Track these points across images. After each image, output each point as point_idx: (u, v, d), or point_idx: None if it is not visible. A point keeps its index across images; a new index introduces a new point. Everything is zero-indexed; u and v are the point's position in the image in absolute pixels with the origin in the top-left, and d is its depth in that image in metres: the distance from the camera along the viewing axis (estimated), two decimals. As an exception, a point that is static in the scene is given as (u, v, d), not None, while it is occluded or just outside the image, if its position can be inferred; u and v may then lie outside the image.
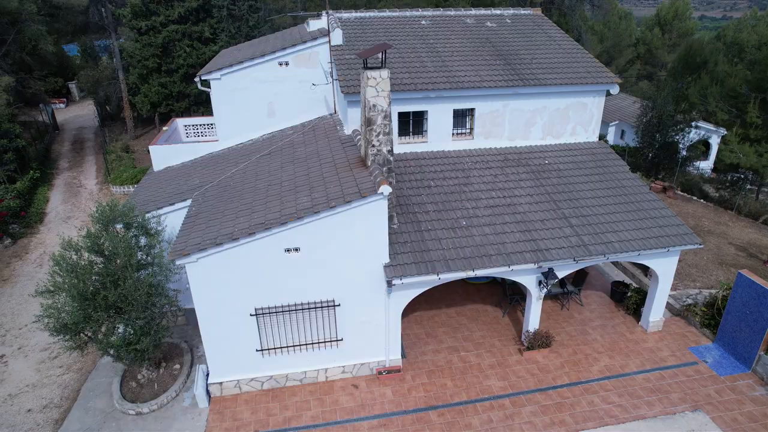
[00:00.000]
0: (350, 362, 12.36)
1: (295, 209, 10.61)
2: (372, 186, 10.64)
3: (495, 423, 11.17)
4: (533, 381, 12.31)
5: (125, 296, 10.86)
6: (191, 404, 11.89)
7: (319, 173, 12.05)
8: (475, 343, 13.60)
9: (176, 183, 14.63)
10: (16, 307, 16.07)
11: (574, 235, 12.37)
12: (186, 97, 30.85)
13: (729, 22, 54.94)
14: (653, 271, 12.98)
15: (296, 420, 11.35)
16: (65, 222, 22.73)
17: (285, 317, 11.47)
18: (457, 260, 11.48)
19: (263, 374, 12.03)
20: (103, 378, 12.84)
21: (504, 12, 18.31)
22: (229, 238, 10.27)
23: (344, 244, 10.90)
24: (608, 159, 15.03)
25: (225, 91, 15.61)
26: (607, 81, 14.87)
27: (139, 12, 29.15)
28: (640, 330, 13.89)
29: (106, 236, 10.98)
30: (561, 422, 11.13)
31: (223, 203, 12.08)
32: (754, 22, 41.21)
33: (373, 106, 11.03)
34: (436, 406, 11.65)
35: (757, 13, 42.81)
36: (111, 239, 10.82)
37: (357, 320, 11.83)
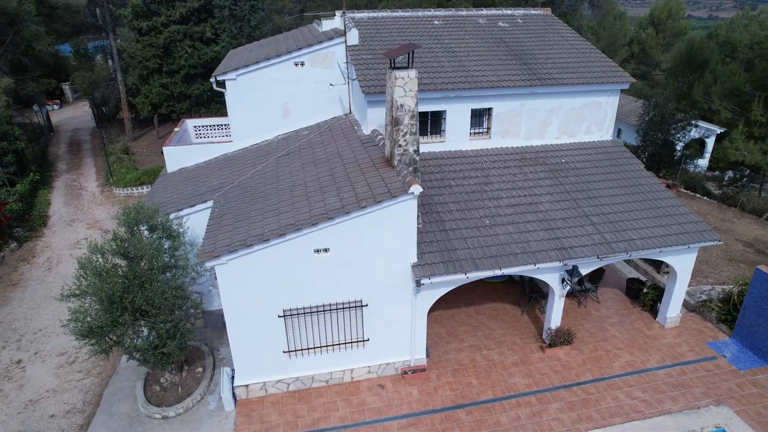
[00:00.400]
0: (376, 362, 12.37)
1: (325, 210, 10.60)
2: (401, 186, 10.66)
3: (523, 420, 11.25)
4: (557, 378, 12.42)
5: (151, 299, 10.78)
6: (217, 407, 11.82)
7: (343, 173, 12.05)
8: (497, 341, 13.68)
9: (194, 184, 14.54)
10: (28, 312, 15.86)
11: (596, 233, 12.49)
12: (187, 98, 30.62)
13: (722, 21, 55.79)
14: (671, 268, 13.15)
15: (325, 421, 11.34)
16: (69, 225, 22.48)
17: (312, 318, 11.46)
18: (484, 259, 11.54)
19: (289, 376, 12.00)
20: (125, 382, 12.73)
21: (515, 12, 18.42)
22: (259, 240, 10.24)
23: (373, 244, 10.91)
24: (623, 157, 15.19)
25: (240, 91, 15.53)
26: (622, 80, 15.03)
27: (140, 12, 28.88)
28: (658, 326, 14.05)
29: (132, 239, 10.87)
30: (588, 418, 11.24)
31: (247, 204, 12.03)
32: (746, 21, 41.82)
33: (401, 106, 11.05)
34: (464, 405, 11.71)
35: (749, 12, 43.48)
36: (138, 242, 10.72)
37: (384, 320, 11.85)
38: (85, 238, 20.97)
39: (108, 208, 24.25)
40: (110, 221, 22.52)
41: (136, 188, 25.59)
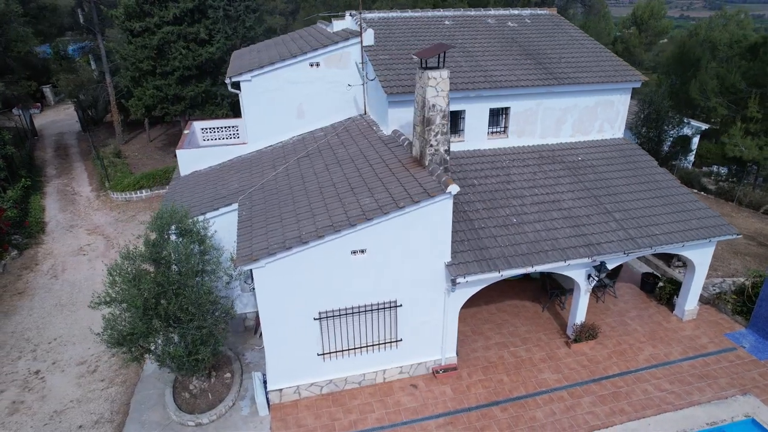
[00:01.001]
0: (408, 362, 12.40)
1: (362, 210, 10.58)
2: (437, 185, 10.70)
3: (558, 415, 11.40)
4: (585, 372, 12.62)
5: (185, 305, 10.62)
6: (250, 413, 11.70)
7: (372, 174, 12.03)
8: (522, 338, 13.83)
9: (213, 187, 14.34)
10: (39, 321, 15.44)
11: (620, 228, 12.73)
12: (182, 100, 30.11)
13: (693, 21, 57.22)
14: (690, 261, 13.47)
15: (361, 423, 11.32)
16: (69, 231, 21.95)
17: (347, 320, 11.42)
18: (515, 257, 11.67)
19: (323, 378, 11.94)
20: (151, 390, 12.49)
21: (522, 12, 18.64)
22: (298, 242, 10.17)
23: (409, 244, 10.93)
24: (636, 155, 15.50)
25: (255, 92, 15.38)
26: (634, 79, 15.35)
27: (132, 13, 28.31)
28: (676, 319, 14.39)
29: (168, 243, 10.68)
30: (621, 411, 11.45)
31: (276, 207, 11.92)
32: (725, 21, 43.04)
33: (433, 106, 11.09)
34: (498, 402, 11.82)
35: (726, 12, 44.75)
36: (173, 247, 10.54)
37: (417, 320, 11.88)
38: (88, 244, 20.51)
39: (106, 213, 23.76)
40: (110, 226, 22.07)
41: (134, 193, 25.13)
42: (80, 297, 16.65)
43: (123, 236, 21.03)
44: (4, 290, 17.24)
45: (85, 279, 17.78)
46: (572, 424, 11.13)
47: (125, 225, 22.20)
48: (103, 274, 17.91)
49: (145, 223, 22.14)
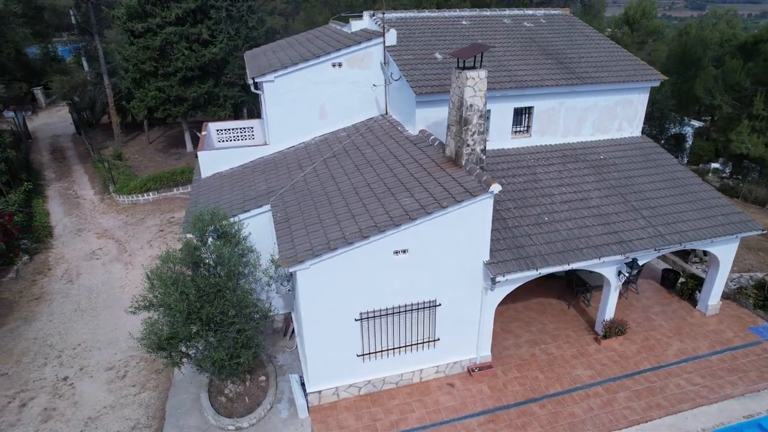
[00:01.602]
0: (444, 361, 12.45)
1: (404, 211, 10.60)
2: (478, 185, 10.76)
3: (596, 410, 11.55)
4: (617, 368, 12.79)
5: (226, 309, 10.54)
6: (290, 415, 11.65)
7: (406, 174, 12.06)
8: (551, 335, 13.97)
9: (240, 189, 14.24)
10: (61, 327, 15.19)
11: (649, 225, 12.92)
12: (184, 102, 29.80)
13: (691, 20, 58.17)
14: (714, 257, 13.72)
15: (403, 423, 11.35)
16: (77, 235, 21.61)
17: (387, 320, 11.44)
18: (552, 255, 11.79)
19: (361, 379, 11.94)
20: (185, 395, 12.37)
21: (536, 12, 18.81)
22: (343, 242, 10.16)
23: (449, 243, 10.98)
24: (655, 152, 15.74)
25: (278, 93, 15.30)
26: (654, 78, 15.58)
27: (134, 13, 27.97)
28: (699, 314, 14.64)
29: (210, 246, 10.59)
30: (657, 405, 11.63)
31: (312, 208, 11.89)
32: (715, 20, 43.84)
33: (470, 106, 11.15)
34: (535, 399, 11.93)
35: (716, 12, 45.60)
36: (215, 249, 10.45)
37: (454, 319, 11.94)
38: (100, 248, 20.22)
39: (114, 217, 23.44)
40: (119, 230, 21.77)
41: (141, 195, 24.81)
42: (99, 302, 16.42)
43: (135, 240, 20.77)
44: (21, 296, 16.93)
45: (101, 283, 17.54)
46: (611, 419, 11.28)
47: (135, 228, 21.92)
48: (120, 278, 17.74)
49: (155, 226, 21.92)
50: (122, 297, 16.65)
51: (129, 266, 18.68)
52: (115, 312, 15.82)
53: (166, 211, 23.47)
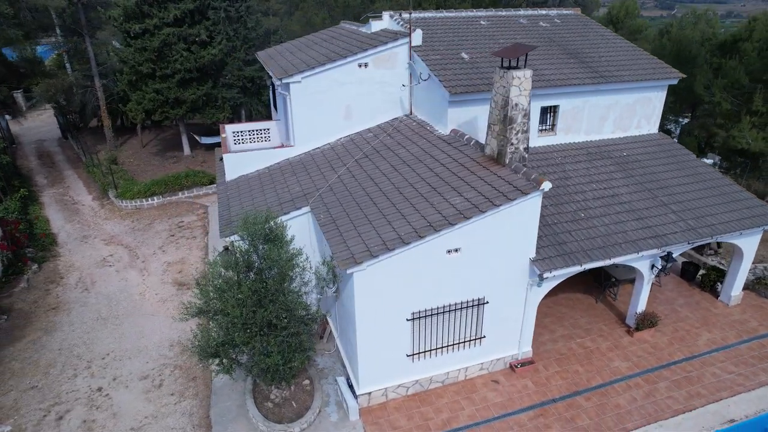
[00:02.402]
0: (488, 358, 12.57)
1: (456, 210, 10.66)
2: (527, 183, 10.89)
3: (640, 401, 11.81)
4: (653, 359, 13.10)
5: (280, 312, 10.44)
6: (339, 418, 11.59)
7: (449, 173, 12.12)
8: (584, 329, 14.22)
9: (272, 191, 14.09)
10: (85, 337, 14.78)
11: (680, 220, 13.27)
12: (182, 104, 29.28)
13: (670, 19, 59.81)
14: (738, 249, 14.17)
15: (454, 421, 11.41)
16: (84, 242, 21.05)
17: (437, 319, 11.49)
18: (594, 250, 12.01)
19: (410, 379, 11.96)
20: (228, 402, 12.19)
21: (549, 12, 19.11)
22: (399, 243, 10.16)
23: (499, 241, 11.09)
24: (674, 148, 16.17)
25: (304, 94, 15.20)
26: (672, 76, 16.04)
27: (131, 14, 27.37)
28: (722, 305, 15.10)
29: (265, 249, 10.45)
30: (698, 394, 11.96)
31: (357, 209, 11.85)
32: (694, 20, 45.18)
33: (515, 105, 11.29)
34: (580, 392, 12.13)
35: (696, 11, 47.03)
36: (271, 252, 10.32)
37: (499, 316, 12.05)
38: (111, 255, 19.73)
39: (118, 222, 22.90)
40: (127, 236, 21.27)
41: (145, 200, 24.28)
42: (120, 310, 16.03)
43: (145, 245, 20.33)
44: (36, 306, 16.41)
45: (119, 291, 17.12)
46: (656, 409, 11.56)
47: (144, 234, 21.45)
48: (137, 285, 17.34)
49: (164, 231, 21.49)
50: (143, 304, 16.30)
51: (144, 272, 18.28)
52: (139, 320, 15.48)
53: (173, 216, 23.04)
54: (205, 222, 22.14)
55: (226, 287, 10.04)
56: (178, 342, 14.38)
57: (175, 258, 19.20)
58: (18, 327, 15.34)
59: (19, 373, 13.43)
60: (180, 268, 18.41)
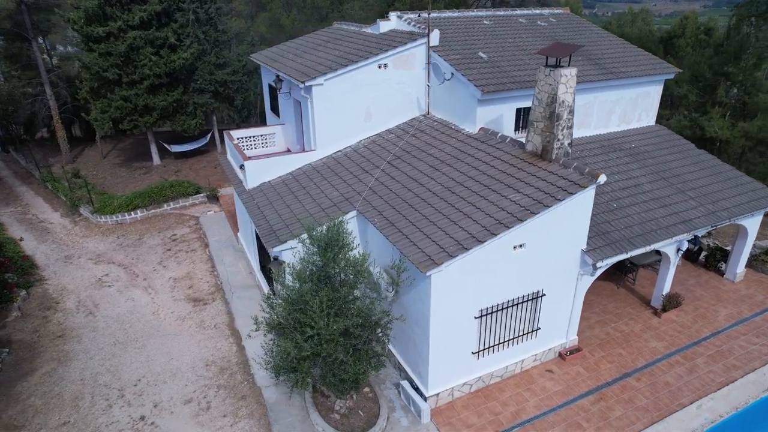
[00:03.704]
0: (541, 349, 12.88)
1: (519, 206, 10.85)
2: (582, 177, 11.26)
3: (685, 377, 12.53)
4: (684, 337, 13.92)
5: (356, 320, 10.20)
6: (411, 422, 11.48)
7: (496, 171, 12.29)
8: (614, 314, 14.87)
9: (306, 197, 13.70)
10: (107, 364, 13.73)
11: (699, 205, 14.19)
12: (152, 111, 27.78)
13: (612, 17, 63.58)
14: (743, 228, 15.32)
15: (523, 412, 11.62)
16: (68, 263, 19.54)
17: (501, 314, 11.64)
18: (635, 238, 12.60)
19: (474, 376, 12.04)
20: (289, 418, 11.74)
21: (542, 12, 19.80)
22: (474, 242, 10.22)
23: (557, 234, 11.40)
24: (674, 139, 17.24)
25: (326, 96, 14.89)
26: (670, 71, 17.07)
27: (93, 16, 25.63)
28: (728, 282, 16.28)
29: (335, 256, 10.14)
30: (733, 366, 12.85)
31: (411, 210, 11.78)
32: (632, 18, 48.33)
33: (562, 102, 11.65)
34: (628, 373, 12.70)
35: (632, 10, 50.37)
36: (343, 262, 10.03)
37: (553, 307, 12.39)
38: (106, 274, 18.44)
39: (101, 239, 21.44)
40: (116, 253, 19.94)
41: (127, 214, 22.83)
42: (137, 332, 15.03)
43: (142, 262, 19.14)
44: (39, 335, 15.05)
45: (128, 312, 16.03)
46: (703, 384, 12.31)
47: (135, 250, 20.19)
48: (147, 305, 16.33)
49: (158, 245, 20.33)
50: (160, 325, 15.37)
51: (150, 291, 17.22)
52: (161, 341, 14.58)
53: (163, 229, 21.82)
54: (200, 234, 21.13)
55: (309, 298, 9.65)
56: (213, 362, 13.67)
57: (179, 273, 18.21)
58: (25, 360, 14.01)
59: (43, 409, 12.28)
60: (189, 284, 17.49)
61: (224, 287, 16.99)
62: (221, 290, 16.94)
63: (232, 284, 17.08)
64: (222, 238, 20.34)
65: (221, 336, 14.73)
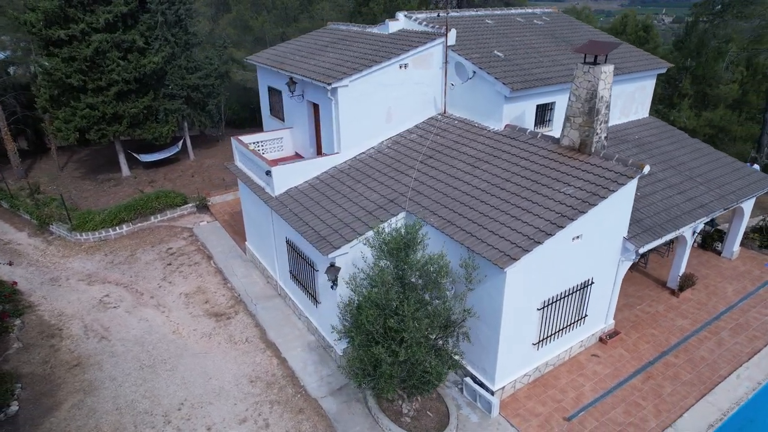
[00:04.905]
0: (586, 335, 13.35)
1: (577, 199, 11.20)
2: (627, 168, 11.77)
3: (717, 350, 13.42)
4: (704, 314, 14.89)
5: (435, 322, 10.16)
6: (480, 417, 11.57)
7: (539, 166, 12.61)
8: (635, 297, 15.65)
9: (345, 201, 13.43)
10: (141, 390, 12.82)
11: (709, 190, 15.21)
12: (121, 119, 26.13)
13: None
14: (739, 209, 16.57)
15: (583, 397, 12.00)
16: (56, 285, 18.08)
17: (558, 305, 11.96)
18: (665, 223, 13.34)
19: (532, 367, 12.30)
20: (356, 427, 11.49)
21: (535, 11, 20.47)
22: (544, 235, 10.45)
23: (606, 223, 11.87)
24: (669, 129, 18.38)
25: (351, 98, 14.66)
26: (662, 66, 18.17)
27: (54, 18, 23.78)
28: (726, 260, 17.56)
29: (419, 261, 10.00)
30: (755, 337, 13.91)
31: (466, 208, 11.86)
32: (576, 15, 50.75)
33: (601, 98, 12.14)
34: (667, 351, 13.43)
35: (575, 8, 53.02)
36: (431, 263, 9.92)
37: (598, 294, 12.88)
38: (106, 295, 17.19)
39: (87, 258, 19.98)
40: (109, 271, 18.64)
41: (112, 230, 21.35)
42: (162, 353, 14.15)
43: (142, 280, 18.02)
44: (52, 366, 13.81)
45: (146, 333, 15.05)
46: (734, 354, 13.24)
47: (131, 267, 18.95)
48: (164, 324, 15.44)
49: (156, 261, 19.19)
50: (186, 343, 14.56)
51: (163, 309, 16.24)
52: (192, 361, 13.82)
53: (155, 243, 20.60)
54: (198, 246, 20.14)
55: (398, 302, 9.46)
56: (257, 377, 13.12)
57: (190, 288, 17.29)
58: (45, 394, 12.82)
59: (84, 445, 11.32)
60: (204, 299, 16.64)
61: (244, 299, 16.31)
62: (241, 303, 16.26)
63: (251, 296, 16.42)
64: (225, 249, 19.49)
65: (256, 350, 14.15)
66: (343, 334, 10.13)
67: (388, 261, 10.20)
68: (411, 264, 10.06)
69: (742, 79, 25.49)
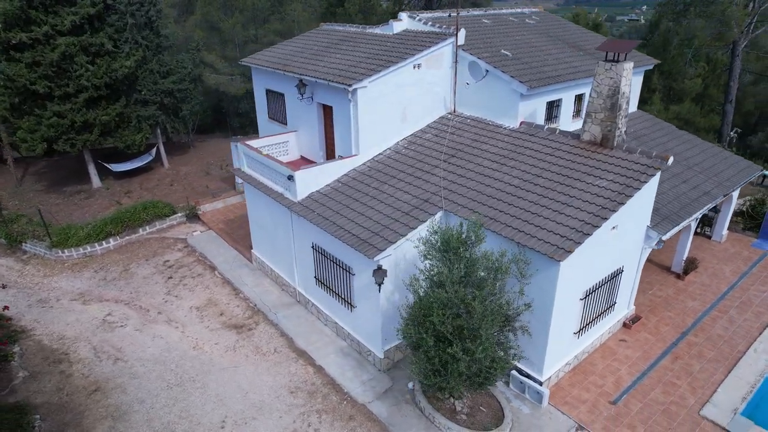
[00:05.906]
0: (613, 321, 13.87)
1: (612, 191, 11.62)
2: (651, 159, 12.33)
3: (730, 328, 14.28)
4: (710, 295, 15.80)
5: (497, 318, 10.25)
6: (532, 408, 11.78)
7: (566, 161, 12.98)
8: (645, 282, 16.29)
9: (377, 202, 13.27)
10: (174, 410, 12.17)
11: (708, 179, 16.17)
12: (92, 127, 24.64)
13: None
14: (730, 195, 17.69)
15: (623, 381, 12.46)
16: (47, 307, 16.88)
17: (595, 294, 12.36)
18: (679, 211, 14.07)
19: (572, 355, 12.64)
20: (413, 428, 11.40)
21: (524, 10, 21.02)
22: (591, 227, 10.78)
23: (636, 213, 12.39)
24: (658, 122, 19.38)
25: (370, 99, 14.53)
26: (649, 62, 19.13)
27: (14, 21, 22.14)
28: (716, 243, 18.69)
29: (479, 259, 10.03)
30: (759, 312, 14.91)
31: (505, 205, 12.04)
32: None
33: (623, 94, 12.67)
34: (686, 332, 14.17)
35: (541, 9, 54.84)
36: (489, 261, 9.98)
37: (623, 281, 13.41)
38: (108, 314, 16.18)
39: (75, 275, 18.77)
40: (104, 289, 17.59)
41: (98, 244, 20.12)
42: (188, 371, 13.50)
43: (144, 295, 17.11)
44: (68, 394, 12.86)
45: (164, 351, 14.30)
46: (746, 330, 14.14)
47: (128, 283, 17.93)
48: (181, 339, 14.87)
49: (155, 275, 18.26)
50: (212, 358, 13.97)
51: (176, 324, 15.48)
52: (222, 375, 13.27)
53: (149, 256, 19.58)
54: (197, 257, 19.32)
55: (469, 301, 9.45)
56: (297, 387, 12.76)
57: (199, 301, 16.56)
58: (68, 424, 11.93)
59: (127, 474, 10.62)
60: (218, 311, 16.00)
61: (262, 309, 15.81)
62: (260, 312, 15.75)
63: (268, 305, 15.94)
64: (228, 258, 18.80)
65: (288, 360, 13.75)
66: (410, 337, 10.02)
67: (448, 260, 10.17)
68: (474, 262, 10.09)
69: (703, 74, 27.26)
